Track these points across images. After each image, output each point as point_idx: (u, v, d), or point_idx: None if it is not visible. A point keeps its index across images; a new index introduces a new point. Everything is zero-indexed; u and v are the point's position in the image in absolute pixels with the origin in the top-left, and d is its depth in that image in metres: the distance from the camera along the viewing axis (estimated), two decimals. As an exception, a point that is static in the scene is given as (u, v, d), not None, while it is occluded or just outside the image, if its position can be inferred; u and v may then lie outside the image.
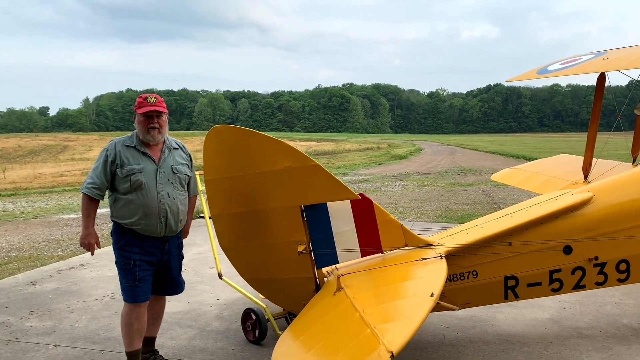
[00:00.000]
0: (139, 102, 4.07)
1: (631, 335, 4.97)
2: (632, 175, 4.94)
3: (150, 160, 4.03)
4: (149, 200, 3.95)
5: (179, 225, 4.18)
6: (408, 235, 4.51)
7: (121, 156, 3.96)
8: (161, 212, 3.99)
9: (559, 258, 4.41)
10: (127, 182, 3.92)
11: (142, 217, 3.95)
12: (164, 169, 4.05)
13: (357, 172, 27.23)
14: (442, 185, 19.70)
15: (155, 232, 4.02)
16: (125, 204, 3.95)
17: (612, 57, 7.70)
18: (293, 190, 4.27)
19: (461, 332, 5.03)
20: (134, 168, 3.93)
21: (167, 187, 4.04)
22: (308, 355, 3.45)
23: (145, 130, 4.01)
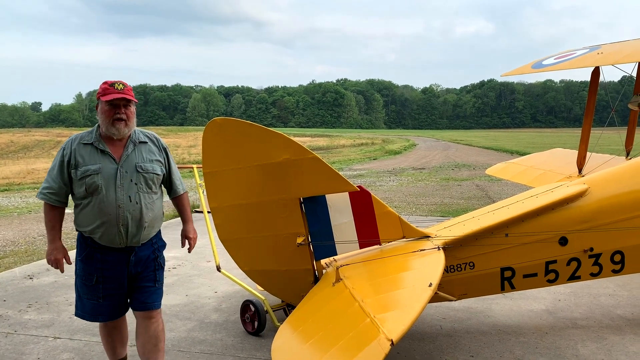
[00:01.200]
0: (104, 88, 3.47)
1: (625, 325, 5.04)
2: (626, 168, 5.01)
3: (110, 159, 3.47)
4: (106, 205, 3.41)
5: (145, 234, 3.57)
6: (406, 227, 4.55)
7: (76, 156, 3.43)
8: (120, 219, 3.43)
9: (555, 249, 4.47)
10: (82, 185, 3.40)
11: (99, 226, 3.44)
12: (125, 169, 3.48)
13: (351, 167, 27.28)
14: (437, 180, 19.79)
15: (114, 243, 3.48)
16: (83, 210, 3.47)
17: (606, 52, 7.76)
18: (292, 182, 4.30)
19: (458, 323, 5.09)
20: (89, 169, 3.40)
21: (129, 189, 3.47)
22: (307, 345, 3.49)
23: (109, 122, 3.44)
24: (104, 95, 3.44)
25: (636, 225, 4.55)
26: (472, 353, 4.43)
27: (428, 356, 4.40)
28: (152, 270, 3.67)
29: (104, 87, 3.48)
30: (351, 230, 4.49)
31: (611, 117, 7.99)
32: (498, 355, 4.37)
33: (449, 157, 33.75)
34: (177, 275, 6.93)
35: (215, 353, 4.49)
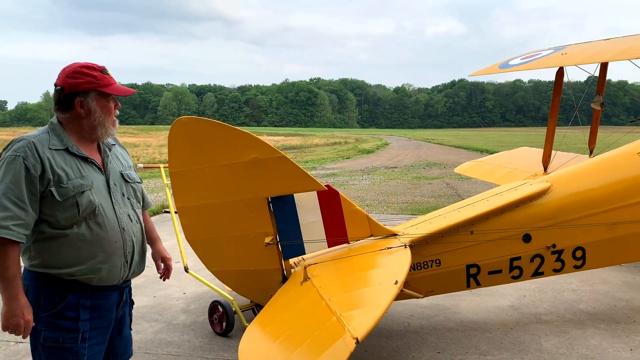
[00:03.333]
0: (97, 76, 2.57)
1: (587, 319, 5.18)
2: (587, 166, 5.15)
3: (95, 168, 2.61)
4: (109, 231, 2.56)
5: (145, 262, 2.88)
6: (374, 226, 4.59)
7: (53, 167, 2.43)
8: (127, 246, 2.64)
9: (519, 246, 4.57)
10: (71, 208, 2.45)
11: (102, 261, 2.55)
12: (114, 180, 2.67)
13: (324, 166, 27.32)
14: (408, 178, 19.97)
15: (115, 279, 2.64)
16: (69, 244, 2.48)
17: (570, 53, 7.97)
18: (260, 182, 4.28)
19: (425, 320, 5.15)
20: (82, 184, 2.49)
21: (124, 206, 2.69)
22: (275, 344, 3.48)
23: (111, 121, 2.65)
24: (104, 85, 2.58)
25: (596, 222, 4.68)
26: (438, 349, 4.49)
27: (395, 353, 4.44)
28: (129, 310, 2.93)
29: (94, 75, 2.57)
30: (319, 229, 4.50)
31: (575, 117, 8.21)
32: (464, 351, 4.44)
33: (420, 156, 34.09)
34: (145, 276, 6.77)
35: (182, 355, 4.44)
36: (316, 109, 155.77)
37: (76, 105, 2.56)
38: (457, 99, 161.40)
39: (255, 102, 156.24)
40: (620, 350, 4.45)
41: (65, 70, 2.62)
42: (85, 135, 2.62)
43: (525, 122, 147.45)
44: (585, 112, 8.75)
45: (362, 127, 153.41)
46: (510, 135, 72.22)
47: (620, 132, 8.49)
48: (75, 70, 2.58)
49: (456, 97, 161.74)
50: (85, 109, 2.57)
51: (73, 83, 2.55)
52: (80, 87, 2.55)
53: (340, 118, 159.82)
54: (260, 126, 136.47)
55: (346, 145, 48.40)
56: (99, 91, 2.58)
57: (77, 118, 2.58)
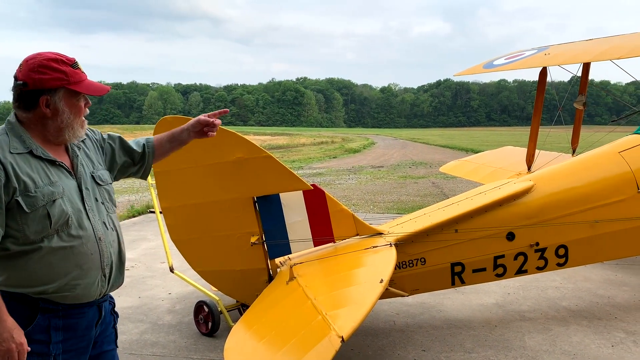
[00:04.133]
0: (69, 72, 2.22)
1: (569, 316, 5.25)
2: (569, 165, 5.22)
3: (65, 172, 2.28)
4: (85, 243, 2.24)
5: (124, 273, 2.52)
6: (359, 225, 4.61)
7: (18, 173, 2.12)
8: (104, 258, 2.32)
9: (503, 244, 4.62)
10: (41, 219, 2.14)
11: (77, 277, 2.23)
12: (85, 184, 2.34)
13: (311, 165, 27.32)
14: (394, 178, 20.05)
15: (92, 295, 2.32)
16: (39, 260, 2.16)
17: (553, 53, 8.06)
18: (245, 181, 4.28)
19: (411, 318, 5.18)
20: (52, 192, 2.17)
21: (99, 212, 2.35)
22: (260, 344, 3.49)
23: (80, 123, 2.31)
24: (75, 82, 2.23)
25: (578, 220, 4.75)
26: (424, 347, 4.52)
27: (381, 352, 4.46)
28: (112, 325, 2.59)
29: (64, 70, 2.21)
30: (305, 228, 4.51)
31: (559, 116, 8.32)
32: (449, 349, 4.47)
33: (406, 155, 34.23)
34: (130, 276, 6.77)
35: (167, 355, 4.42)
36: (303, 109, 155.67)
37: (41, 105, 2.19)
38: (442, 99, 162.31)
39: (241, 102, 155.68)
40: (602, 347, 4.52)
41: (28, 62, 2.21)
42: (50, 137, 2.27)
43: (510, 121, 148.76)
44: (568, 112, 8.86)
45: (349, 126, 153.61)
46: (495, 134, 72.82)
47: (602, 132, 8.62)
48: (41, 64, 2.18)
49: (442, 96, 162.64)
50: (51, 108, 2.21)
51: (38, 79, 2.17)
52: (47, 84, 2.18)
53: (327, 117, 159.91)
54: (247, 125, 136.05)
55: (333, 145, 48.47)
56: (69, 89, 2.22)
57: (41, 118, 2.22)
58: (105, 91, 2.34)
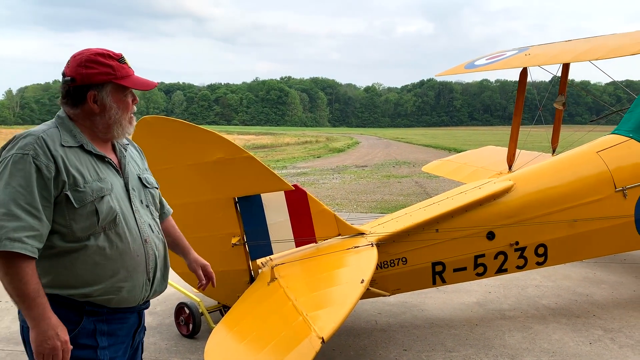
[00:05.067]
0: (116, 66, 2.20)
1: (549, 314, 5.31)
2: (548, 165, 5.28)
3: (113, 170, 2.25)
4: (131, 243, 2.19)
5: (167, 279, 2.48)
6: (341, 225, 4.61)
7: (67, 166, 2.06)
8: (150, 261, 2.27)
9: (483, 243, 4.65)
10: (89, 216, 2.08)
11: (123, 279, 2.17)
12: (132, 184, 2.31)
13: (295, 165, 27.28)
14: (378, 177, 20.12)
15: (136, 300, 2.26)
16: (85, 259, 2.10)
17: (533, 53, 8.16)
18: (226, 182, 4.26)
19: (393, 318, 5.20)
20: (101, 188, 2.13)
21: (144, 214, 2.32)
22: (241, 345, 3.47)
23: (128, 119, 2.29)
24: (122, 77, 2.20)
25: (557, 219, 4.81)
26: (405, 347, 4.53)
27: (363, 351, 4.47)
28: (142, 337, 2.50)
29: (111, 64, 2.18)
30: (287, 229, 4.49)
31: (539, 116, 8.42)
32: (430, 348, 4.50)
33: (390, 154, 34.37)
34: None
35: (148, 358, 4.37)
36: (287, 108, 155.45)
37: (89, 100, 2.17)
38: (426, 99, 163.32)
39: (225, 101, 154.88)
40: (580, 344, 4.58)
41: (76, 57, 2.20)
42: (99, 134, 2.24)
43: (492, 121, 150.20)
44: (550, 111, 8.97)
45: (333, 126, 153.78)
46: (477, 134, 73.48)
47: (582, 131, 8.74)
48: (88, 59, 2.17)
49: (425, 96, 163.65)
50: (99, 104, 2.19)
51: (86, 74, 2.15)
52: (95, 78, 2.16)
53: (312, 117, 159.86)
54: (231, 125, 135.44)
55: (317, 144, 48.47)
56: (116, 84, 2.20)
57: (90, 114, 2.20)
58: (152, 86, 2.32)
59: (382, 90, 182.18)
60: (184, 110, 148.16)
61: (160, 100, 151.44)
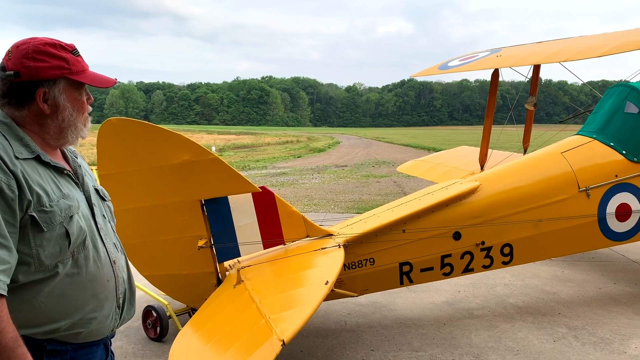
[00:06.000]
0: (70, 59, 1.88)
1: (516, 313, 5.39)
2: (514, 165, 5.37)
3: (72, 183, 1.94)
4: (101, 267, 1.92)
5: (135, 304, 2.16)
6: (309, 226, 4.62)
7: (30, 183, 1.74)
8: (119, 285, 1.99)
9: (449, 244, 4.71)
10: (59, 239, 1.77)
11: (94, 309, 1.89)
12: (93, 199, 2.02)
13: (275, 165, 27.23)
14: (357, 177, 20.19)
15: (105, 331, 1.97)
16: (50, 292, 1.78)
17: (504, 55, 8.27)
18: (192, 184, 4.24)
19: (362, 318, 5.23)
20: (69, 206, 1.83)
21: (109, 232, 2.04)
22: (205, 348, 3.47)
23: (83, 120, 1.97)
24: (77, 72, 1.89)
25: (522, 219, 4.88)
26: (372, 347, 4.56)
27: (330, 352, 4.49)
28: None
29: (64, 57, 1.87)
30: (255, 231, 4.49)
31: (512, 116, 8.56)
32: (397, 348, 4.54)
33: (370, 154, 34.51)
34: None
35: (114, 362, 4.33)
36: (268, 108, 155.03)
37: (37, 99, 1.83)
38: (406, 98, 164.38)
39: (205, 100, 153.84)
40: (545, 342, 4.66)
41: (20, 47, 1.84)
42: (50, 140, 1.90)
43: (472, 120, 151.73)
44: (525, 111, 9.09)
45: (315, 125, 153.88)
46: (457, 133, 74.18)
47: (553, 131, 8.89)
48: (37, 49, 1.82)
49: (406, 96, 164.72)
50: (50, 104, 1.85)
51: (34, 67, 1.81)
52: (45, 73, 1.82)
53: (293, 117, 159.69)
54: (211, 124, 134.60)
55: (298, 144, 48.46)
56: (71, 80, 1.88)
57: (39, 117, 1.86)
58: (111, 83, 1.99)
59: (363, 90, 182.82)
60: (164, 110, 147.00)
61: (140, 100, 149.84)
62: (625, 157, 5.26)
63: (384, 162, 27.25)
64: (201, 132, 64.10)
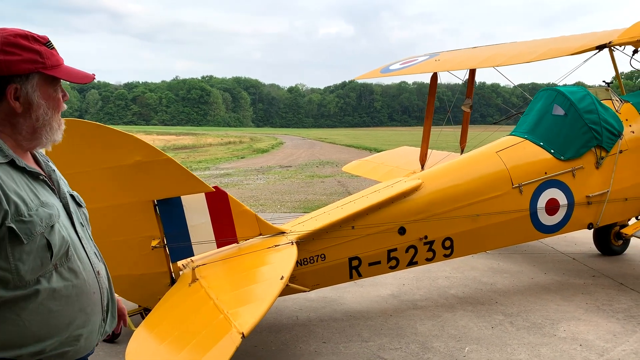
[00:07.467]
0: (44, 52, 1.76)
1: (457, 303, 5.73)
2: (453, 164, 5.71)
3: (48, 190, 1.83)
4: (86, 279, 1.82)
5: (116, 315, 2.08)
6: (262, 225, 4.74)
7: (6, 191, 1.63)
8: (103, 297, 1.92)
9: (395, 238, 4.97)
10: (40, 252, 1.67)
11: (81, 324, 1.80)
12: (71, 205, 1.92)
13: (219, 166, 26.98)
14: (302, 177, 20.38)
15: (91, 347, 1.91)
16: (35, 309, 1.68)
17: (442, 59, 8.70)
18: (145, 185, 4.26)
19: (313, 313, 5.41)
20: (49, 214, 1.72)
21: (88, 240, 1.97)
22: (162, 346, 3.51)
23: (58, 122, 1.86)
24: (52, 66, 1.76)
25: (461, 214, 5.22)
26: (324, 339, 4.75)
27: (284, 346, 4.63)
28: None
29: (38, 50, 1.74)
30: (208, 230, 4.56)
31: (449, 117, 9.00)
32: (347, 340, 4.74)
33: (314, 155, 34.82)
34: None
35: (65, 365, 4.29)
36: (209, 108, 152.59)
37: (8, 96, 1.70)
38: (348, 100, 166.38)
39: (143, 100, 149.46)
40: (483, 329, 5.00)
41: None
42: (22, 141, 1.77)
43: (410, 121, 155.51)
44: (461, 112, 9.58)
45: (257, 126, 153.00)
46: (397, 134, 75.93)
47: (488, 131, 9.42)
48: (7, 41, 1.68)
49: (347, 97, 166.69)
50: (22, 101, 1.72)
51: (5, 61, 1.66)
52: (16, 67, 1.68)
53: (235, 117, 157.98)
54: (150, 125, 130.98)
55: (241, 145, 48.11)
56: (45, 75, 1.75)
57: (10, 116, 1.73)
58: (89, 79, 1.88)
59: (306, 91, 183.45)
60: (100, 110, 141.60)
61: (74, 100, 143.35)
62: (553, 155, 5.72)
63: (327, 163, 27.60)
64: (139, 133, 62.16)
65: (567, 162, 5.73)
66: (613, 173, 5.86)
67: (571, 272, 6.78)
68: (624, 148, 5.95)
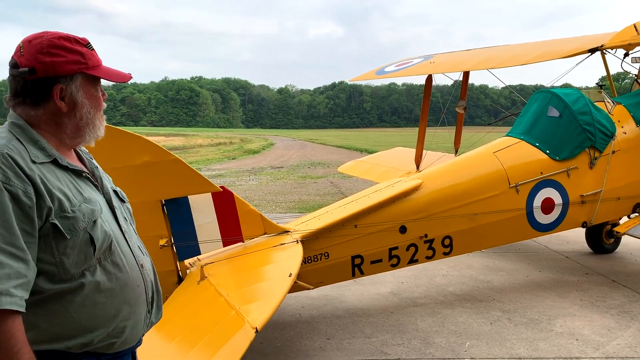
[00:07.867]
0: (86, 54, 1.82)
1: (455, 300, 5.86)
2: (452, 164, 5.85)
3: (92, 186, 1.88)
4: (130, 272, 1.87)
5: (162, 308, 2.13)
6: (267, 224, 4.82)
7: (50, 188, 1.68)
8: (148, 289, 1.96)
9: (396, 237, 5.08)
10: (83, 246, 1.72)
11: (127, 316, 1.84)
12: (114, 200, 1.98)
13: (210, 167, 26.96)
14: (294, 178, 20.46)
15: (137, 338, 1.95)
16: (81, 302, 1.73)
17: (437, 61, 8.84)
18: (153, 185, 4.32)
19: (315, 310, 5.50)
20: (92, 210, 1.77)
21: (132, 235, 2.01)
22: (174, 343, 3.58)
23: (100, 119, 1.91)
24: (93, 67, 1.83)
25: (460, 213, 5.34)
26: (328, 336, 4.85)
27: (289, 342, 4.72)
28: None
29: (80, 51, 1.80)
30: (214, 229, 4.64)
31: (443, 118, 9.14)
32: (351, 336, 4.85)
33: (305, 156, 34.91)
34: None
35: (74, 363, 4.34)
36: (199, 108, 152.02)
37: (54, 97, 1.74)
38: (337, 101, 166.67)
39: (132, 101, 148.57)
40: (482, 325, 5.13)
41: (33, 42, 1.74)
42: (66, 140, 1.82)
43: (400, 122, 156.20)
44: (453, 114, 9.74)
45: (247, 127, 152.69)
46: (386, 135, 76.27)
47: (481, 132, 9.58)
48: (52, 44, 1.74)
49: (337, 98, 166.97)
50: (67, 101, 1.77)
51: (51, 62, 1.72)
52: (62, 68, 1.74)
53: (224, 118, 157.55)
54: (139, 126, 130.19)
55: (231, 146, 48.05)
56: (87, 75, 1.80)
57: (55, 115, 1.78)
58: (127, 78, 1.94)
59: (295, 91, 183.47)
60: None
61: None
62: (549, 156, 5.87)
63: (319, 163, 27.71)
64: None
65: (562, 163, 5.88)
66: (606, 173, 6.03)
67: (565, 270, 6.94)
68: (616, 149, 6.12)
